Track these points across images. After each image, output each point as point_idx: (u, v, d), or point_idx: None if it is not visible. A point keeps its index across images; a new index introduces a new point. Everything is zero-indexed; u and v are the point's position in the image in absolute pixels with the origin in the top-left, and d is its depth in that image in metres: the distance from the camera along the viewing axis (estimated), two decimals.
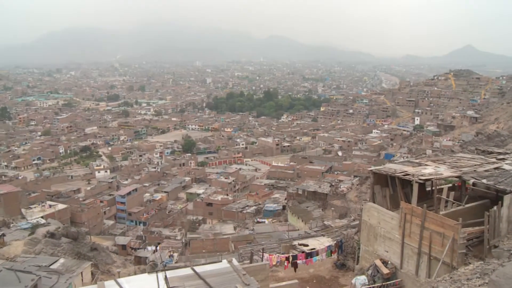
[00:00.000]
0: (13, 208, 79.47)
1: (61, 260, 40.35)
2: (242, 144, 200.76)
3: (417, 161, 30.23)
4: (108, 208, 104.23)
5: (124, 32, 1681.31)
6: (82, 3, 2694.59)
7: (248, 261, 31.02)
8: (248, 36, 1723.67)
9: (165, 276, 16.29)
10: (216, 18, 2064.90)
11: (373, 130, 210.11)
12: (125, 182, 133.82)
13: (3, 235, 47.66)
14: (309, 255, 32.48)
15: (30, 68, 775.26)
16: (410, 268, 24.11)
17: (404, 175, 25.77)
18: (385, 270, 24.91)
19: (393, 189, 28.12)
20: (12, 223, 62.69)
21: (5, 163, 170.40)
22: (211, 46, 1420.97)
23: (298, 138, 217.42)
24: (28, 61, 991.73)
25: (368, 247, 27.98)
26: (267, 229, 60.30)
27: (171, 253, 59.09)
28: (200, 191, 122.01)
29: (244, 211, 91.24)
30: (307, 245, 37.26)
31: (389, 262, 25.53)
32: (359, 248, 29.76)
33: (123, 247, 68.19)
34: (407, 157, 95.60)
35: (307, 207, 72.71)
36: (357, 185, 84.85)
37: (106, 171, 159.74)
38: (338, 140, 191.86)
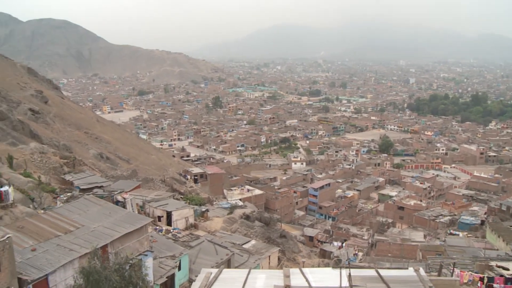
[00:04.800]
0: (217, 188, 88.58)
1: (253, 242, 43.58)
2: (442, 150, 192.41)
3: None
4: (301, 199, 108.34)
5: (328, 29, 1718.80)
6: (289, 2, 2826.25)
7: (436, 274, 29.35)
8: (457, 35, 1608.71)
9: (349, 273, 16.17)
10: (423, 16, 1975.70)
11: None
12: (319, 176, 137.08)
13: (207, 210, 52.96)
14: (509, 280, 29.32)
15: (241, 62, 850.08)
16: None
17: None
18: None
19: None
20: (215, 201, 69.20)
21: (214, 147, 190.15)
22: (416, 45, 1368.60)
23: (507, 148, 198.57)
24: (239, 56, 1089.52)
25: None
26: (460, 242, 56.68)
27: (356, 251, 59.16)
28: (393, 193, 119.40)
29: (437, 220, 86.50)
30: (507, 269, 33.69)
31: None
32: None
33: (310, 238, 70.37)
34: None
35: (511, 226, 66.09)
36: None
37: (302, 163, 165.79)
38: None
